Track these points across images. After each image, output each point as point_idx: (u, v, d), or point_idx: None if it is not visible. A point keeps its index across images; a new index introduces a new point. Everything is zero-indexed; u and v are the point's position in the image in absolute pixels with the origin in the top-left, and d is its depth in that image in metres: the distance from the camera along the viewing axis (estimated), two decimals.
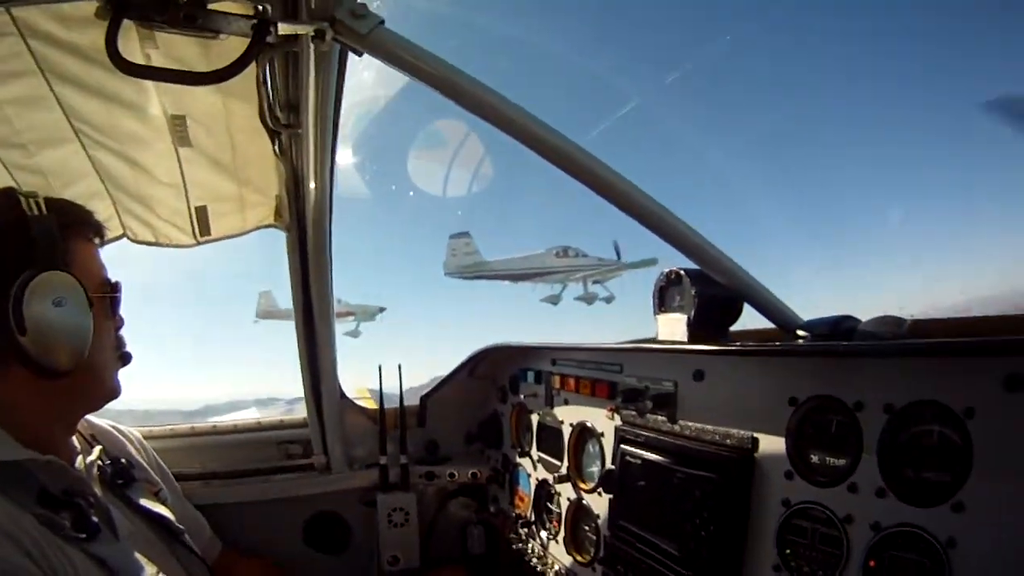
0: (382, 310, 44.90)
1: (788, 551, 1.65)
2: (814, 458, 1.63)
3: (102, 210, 2.31)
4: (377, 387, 3.45)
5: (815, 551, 1.58)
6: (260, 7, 1.56)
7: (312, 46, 1.71)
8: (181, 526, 2.18)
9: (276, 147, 2.30)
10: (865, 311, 1.91)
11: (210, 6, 1.52)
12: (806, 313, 2.04)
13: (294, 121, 2.15)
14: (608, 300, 43.79)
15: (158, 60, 1.82)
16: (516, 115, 1.73)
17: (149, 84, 1.96)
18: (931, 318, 1.94)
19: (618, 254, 39.95)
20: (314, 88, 1.93)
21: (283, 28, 1.59)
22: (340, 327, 3.30)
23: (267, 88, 2.06)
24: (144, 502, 2.09)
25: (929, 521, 1.32)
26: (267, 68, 2.00)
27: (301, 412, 3.35)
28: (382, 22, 1.61)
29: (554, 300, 43.75)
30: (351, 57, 1.86)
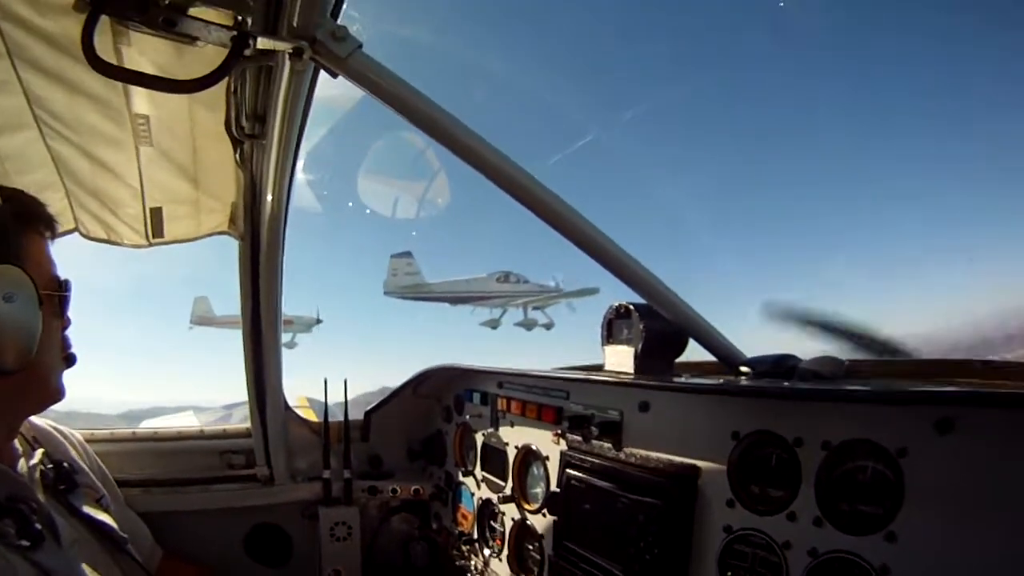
0: (319, 322, 44.00)
1: (729, 574, 1.73)
2: (754, 488, 1.72)
3: (55, 202, 2.23)
4: (315, 397, 3.44)
5: (754, 574, 1.67)
6: (241, 19, 1.55)
7: (288, 63, 1.70)
8: (124, 535, 2.13)
9: (238, 155, 2.26)
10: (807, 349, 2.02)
11: (190, 12, 1.50)
12: (755, 349, 2.13)
13: (259, 132, 2.12)
14: (547, 327, 44.07)
15: (130, 57, 1.77)
16: (480, 147, 1.77)
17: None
18: (866, 360, 2.05)
19: (559, 285, 40.40)
20: (283, 103, 1.92)
21: (262, 43, 1.58)
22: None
23: (236, 97, 2.03)
24: (87, 509, 2.03)
25: (864, 549, 1.42)
26: (239, 79, 1.98)
27: (231, 421, 3.34)
28: (360, 46, 1.62)
29: (493, 324, 43.86)
30: (322, 75, 1.86)
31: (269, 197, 2.41)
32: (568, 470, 2.33)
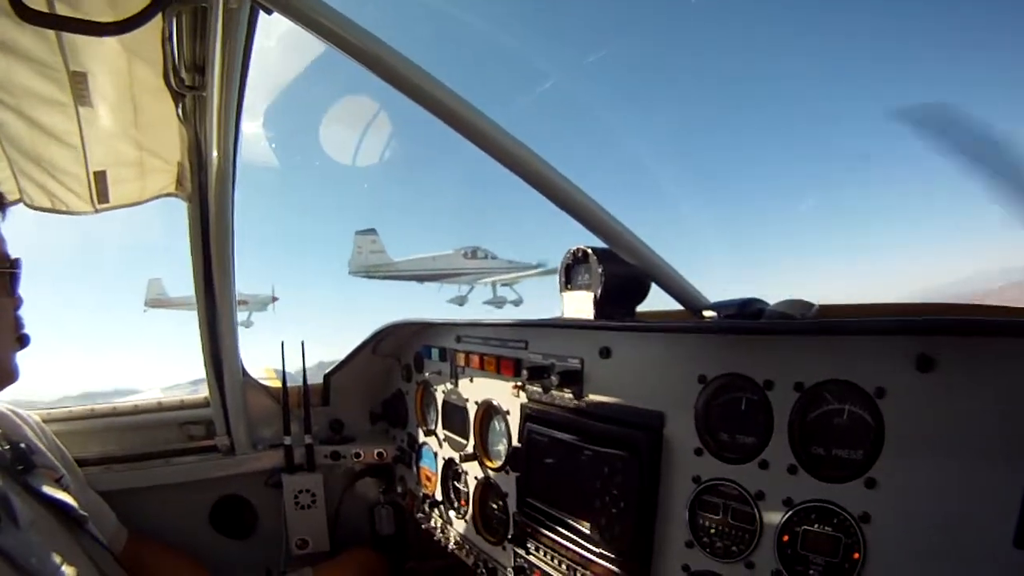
0: (275, 299, 43.11)
1: (700, 527, 1.70)
2: (723, 435, 1.66)
3: None
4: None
5: (727, 527, 1.62)
6: None
7: (220, 3, 1.62)
8: (85, 513, 2.08)
9: (179, 111, 2.19)
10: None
11: None
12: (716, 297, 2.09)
13: (199, 83, 2.05)
14: (516, 303, 43.13)
15: (61, 10, 1.68)
16: (431, 86, 1.66)
17: (51, 36, 1.80)
18: (839, 304, 2.01)
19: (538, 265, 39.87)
20: (220, 48, 1.85)
21: None
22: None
23: (171, 46, 1.94)
24: (46, 489, 1.98)
25: (842, 497, 1.38)
26: (173, 25, 1.89)
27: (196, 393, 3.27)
28: None
29: (460, 301, 42.77)
30: (262, 18, 1.78)
31: (215, 154, 2.34)
32: (529, 424, 2.29)
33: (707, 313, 2.00)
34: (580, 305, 2.19)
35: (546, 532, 2.18)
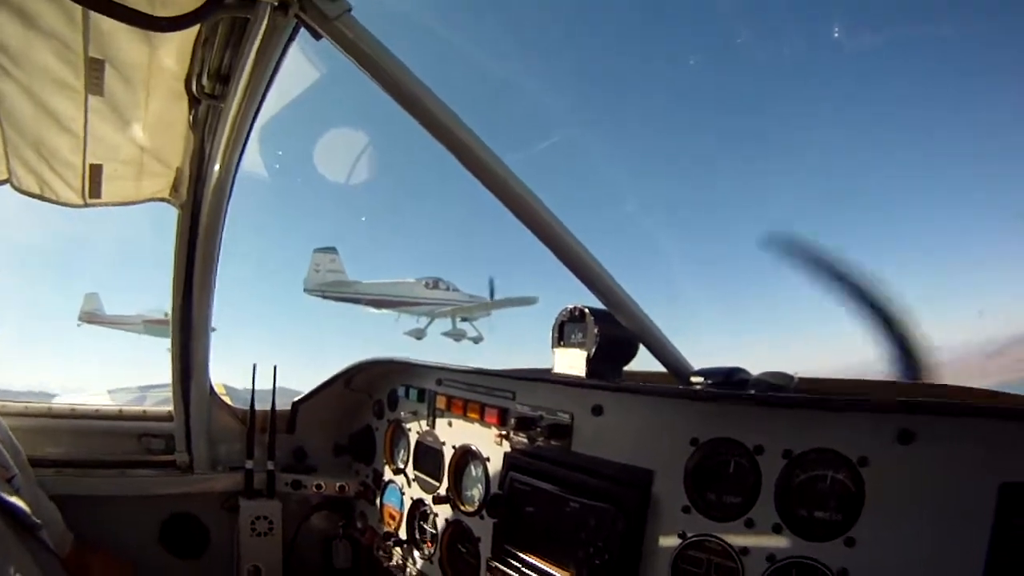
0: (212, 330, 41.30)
1: None
2: (711, 495, 1.72)
3: None
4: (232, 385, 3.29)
5: None
6: None
7: (267, 18, 1.59)
8: (38, 520, 1.97)
9: (192, 117, 2.13)
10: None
11: None
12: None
13: (219, 92, 2.00)
14: (476, 340, 41.93)
15: None
16: (460, 131, 1.69)
17: (77, 16, 1.73)
18: (816, 377, 2.08)
19: (492, 292, 39.19)
20: (252, 62, 1.83)
21: None
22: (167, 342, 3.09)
23: (203, 51, 1.90)
24: None
25: (823, 554, 1.45)
26: (211, 30, 1.84)
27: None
28: (350, 9, 1.53)
29: (419, 334, 41.04)
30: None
31: (217, 166, 2.30)
32: (513, 472, 2.28)
33: (694, 379, 2.04)
34: (572, 362, 2.22)
35: None
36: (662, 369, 2.15)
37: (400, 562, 2.92)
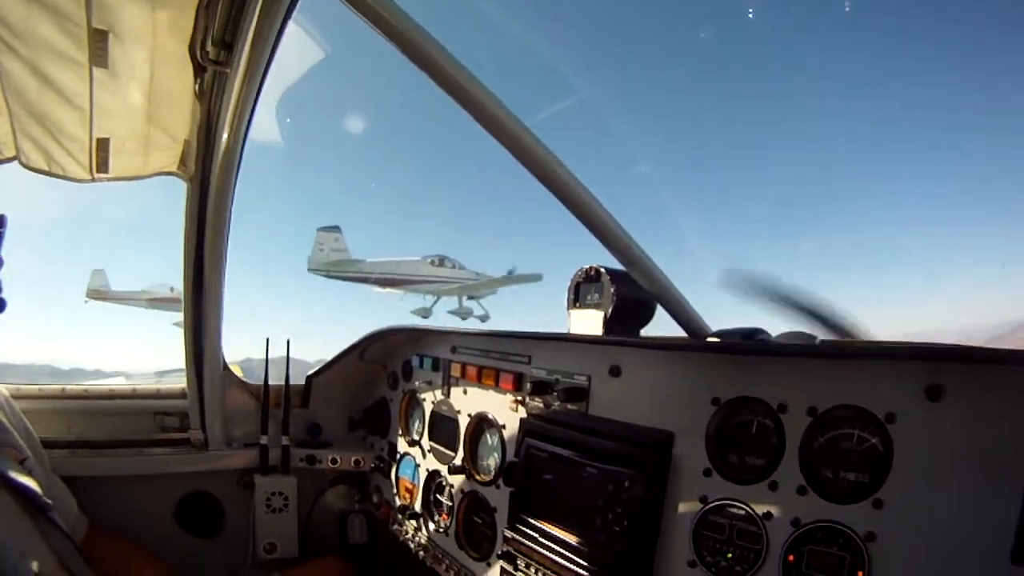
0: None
1: (704, 546, 1.69)
2: (733, 457, 1.68)
3: None
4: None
5: (732, 546, 1.63)
6: None
7: None
8: (49, 500, 1.97)
9: (197, 86, 2.11)
10: None
11: None
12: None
13: (224, 59, 1.97)
14: (483, 319, 41.04)
15: None
16: (479, 92, 1.63)
17: None
18: (840, 340, 2.03)
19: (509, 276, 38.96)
20: (256, 24, 1.80)
21: None
22: (174, 316, 3.11)
23: (207, 15, 1.87)
24: (9, 471, 1.90)
25: (849, 517, 1.41)
26: None
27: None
28: None
29: (425, 313, 40.64)
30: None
31: (225, 136, 2.28)
32: (528, 439, 2.25)
33: (711, 340, 2.01)
34: (589, 323, 2.19)
35: (539, 549, 2.13)
36: (680, 334, 2.11)
37: (416, 535, 2.92)
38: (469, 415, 2.66)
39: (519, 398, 2.39)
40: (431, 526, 2.85)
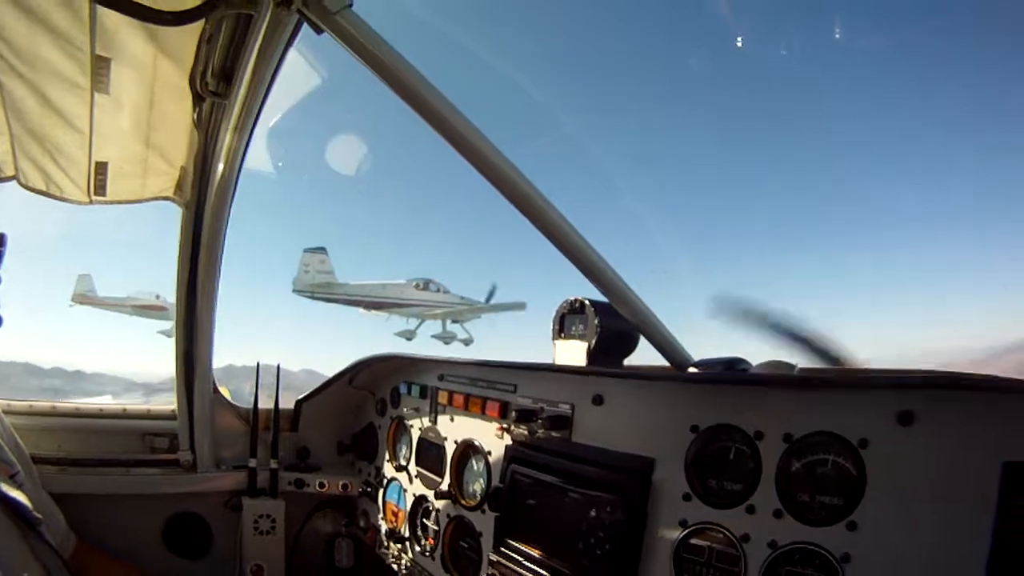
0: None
1: (684, 569, 1.73)
2: (712, 482, 1.73)
3: None
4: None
5: (712, 568, 1.67)
6: None
7: (270, 13, 1.62)
8: (38, 515, 1.97)
9: (196, 115, 2.16)
10: None
11: None
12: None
13: (222, 90, 2.03)
14: (466, 343, 41.16)
15: None
16: (465, 128, 1.70)
17: (84, 15, 1.77)
18: (819, 367, 2.08)
19: (490, 296, 38.82)
20: (255, 59, 1.86)
21: None
22: (158, 324, 3.13)
23: (207, 47, 1.93)
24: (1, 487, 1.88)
25: (825, 539, 1.45)
26: (214, 27, 1.88)
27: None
28: (351, 4, 1.55)
29: (409, 335, 40.45)
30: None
31: (221, 165, 2.33)
32: (514, 465, 2.29)
33: (692, 370, 2.06)
34: (573, 354, 2.24)
35: (524, 573, 2.16)
36: (662, 363, 2.15)
37: (402, 559, 2.94)
38: (456, 442, 2.69)
39: (505, 426, 2.42)
40: (417, 550, 2.86)
